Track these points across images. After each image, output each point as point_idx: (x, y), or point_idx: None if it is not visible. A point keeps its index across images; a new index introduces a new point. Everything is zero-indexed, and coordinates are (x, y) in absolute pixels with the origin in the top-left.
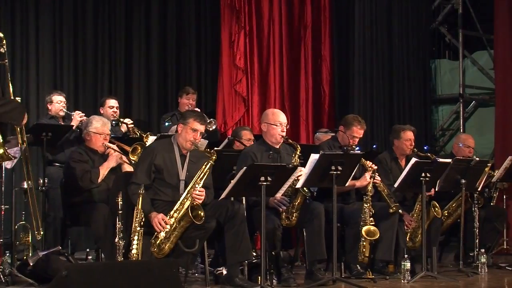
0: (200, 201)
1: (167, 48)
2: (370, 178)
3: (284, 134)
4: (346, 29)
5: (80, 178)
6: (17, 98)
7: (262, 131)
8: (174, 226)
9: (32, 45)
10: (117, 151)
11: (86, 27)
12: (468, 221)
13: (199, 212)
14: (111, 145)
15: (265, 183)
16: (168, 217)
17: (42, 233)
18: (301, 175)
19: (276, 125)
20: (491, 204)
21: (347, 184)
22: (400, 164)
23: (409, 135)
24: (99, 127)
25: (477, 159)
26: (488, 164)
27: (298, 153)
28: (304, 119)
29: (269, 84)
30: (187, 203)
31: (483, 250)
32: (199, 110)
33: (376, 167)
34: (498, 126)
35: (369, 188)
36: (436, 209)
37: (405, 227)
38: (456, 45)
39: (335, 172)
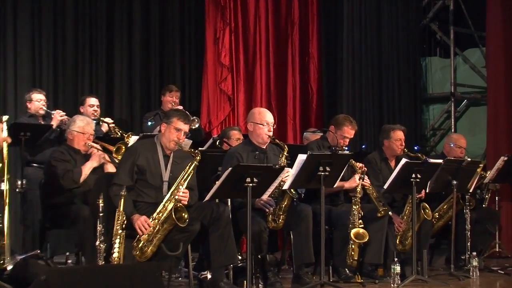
0: (184, 203)
1: (150, 44)
2: (359, 180)
3: (271, 133)
4: (334, 26)
5: (61, 177)
6: None
7: (248, 130)
8: (157, 228)
9: (9, 42)
10: (101, 151)
11: (66, 24)
12: (459, 223)
13: (183, 214)
14: (94, 144)
15: (251, 185)
16: (150, 220)
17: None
18: (288, 176)
19: (263, 125)
20: (483, 206)
21: (335, 186)
22: (390, 165)
23: (399, 135)
24: (83, 126)
25: (469, 159)
26: (480, 165)
27: (285, 153)
28: (291, 118)
29: (255, 82)
30: (171, 205)
31: (474, 253)
32: (182, 108)
33: (365, 169)
34: (490, 126)
35: (358, 189)
36: (427, 211)
37: (395, 229)
38: (447, 42)
39: (323, 173)
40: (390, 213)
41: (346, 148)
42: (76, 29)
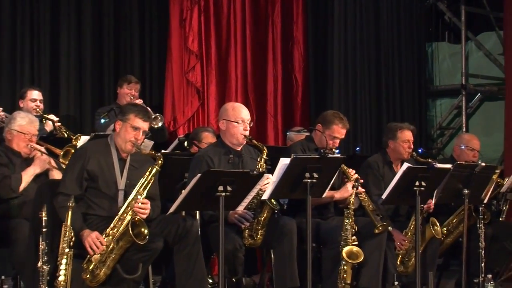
0: (144, 216)
1: (103, 26)
2: (352, 188)
3: (247, 133)
4: (323, 6)
5: None
6: None
7: (220, 130)
8: (111, 247)
9: None
10: (45, 154)
11: (3, 5)
12: (472, 240)
13: (142, 229)
14: (38, 146)
15: (224, 194)
16: (103, 236)
17: None
18: (268, 183)
19: (237, 123)
20: (500, 219)
21: (324, 195)
22: (394, 170)
23: (407, 135)
24: (25, 125)
25: (483, 164)
26: (496, 171)
27: (264, 156)
28: (272, 115)
29: (229, 72)
30: (127, 218)
31: (490, 276)
32: (142, 102)
33: (359, 177)
34: (508, 124)
35: (351, 200)
36: (436, 227)
37: (396, 248)
38: (457, 25)
39: (309, 180)
40: (390, 228)
41: (337, 151)
42: (14, 5)
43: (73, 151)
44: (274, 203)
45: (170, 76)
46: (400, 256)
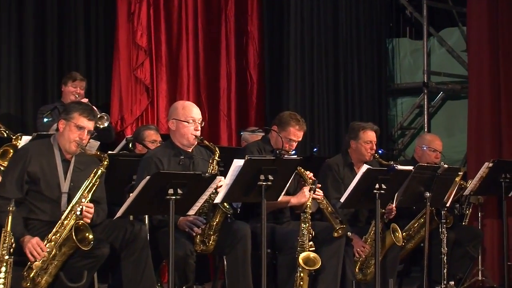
0: (88, 220)
1: (46, 20)
2: (309, 192)
3: (198, 133)
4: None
5: None
6: None
7: (170, 129)
8: (53, 253)
9: None
10: None
11: None
12: (433, 246)
13: (87, 234)
14: None
15: (174, 197)
16: (45, 242)
17: None
18: (221, 186)
19: (188, 122)
20: (463, 223)
21: (279, 200)
22: (355, 172)
23: (370, 136)
24: None
25: (446, 166)
26: (459, 173)
27: (216, 158)
28: (226, 114)
29: (180, 68)
30: (71, 222)
31: (452, 283)
32: (87, 101)
33: (315, 179)
34: (471, 124)
35: (308, 204)
36: (397, 234)
37: (355, 254)
38: (419, 20)
39: (264, 183)
40: (349, 233)
41: (293, 152)
42: None
43: (11, 151)
44: (227, 207)
45: (118, 73)
46: (359, 263)
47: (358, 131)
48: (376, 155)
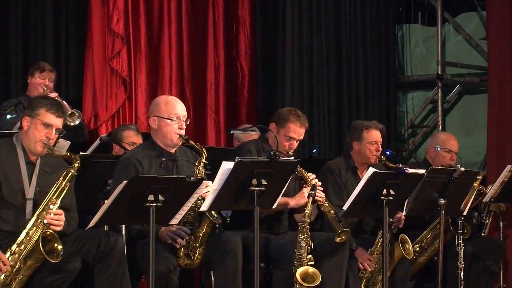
0: (57, 229)
1: (9, 3)
2: (308, 198)
3: (183, 132)
4: None
5: None
6: None
7: (150, 128)
8: (17, 266)
9: None
10: None
11: None
12: (449, 259)
13: (56, 245)
14: None
15: (154, 204)
16: (8, 254)
17: None
18: (208, 192)
19: (171, 120)
20: (482, 234)
21: (276, 203)
22: (359, 177)
23: (374, 135)
24: None
25: (462, 169)
26: (477, 177)
27: (203, 160)
28: (213, 110)
29: (162, 59)
30: (38, 232)
31: None
32: (57, 95)
33: (316, 183)
34: (492, 122)
35: (307, 211)
36: (407, 246)
37: (360, 269)
38: (432, 4)
39: (257, 188)
40: (354, 244)
41: (291, 153)
42: None
43: None
44: (215, 215)
45: (91, 64)
46: (365, 280)
47: (361, 131)
48: (382, 157)
